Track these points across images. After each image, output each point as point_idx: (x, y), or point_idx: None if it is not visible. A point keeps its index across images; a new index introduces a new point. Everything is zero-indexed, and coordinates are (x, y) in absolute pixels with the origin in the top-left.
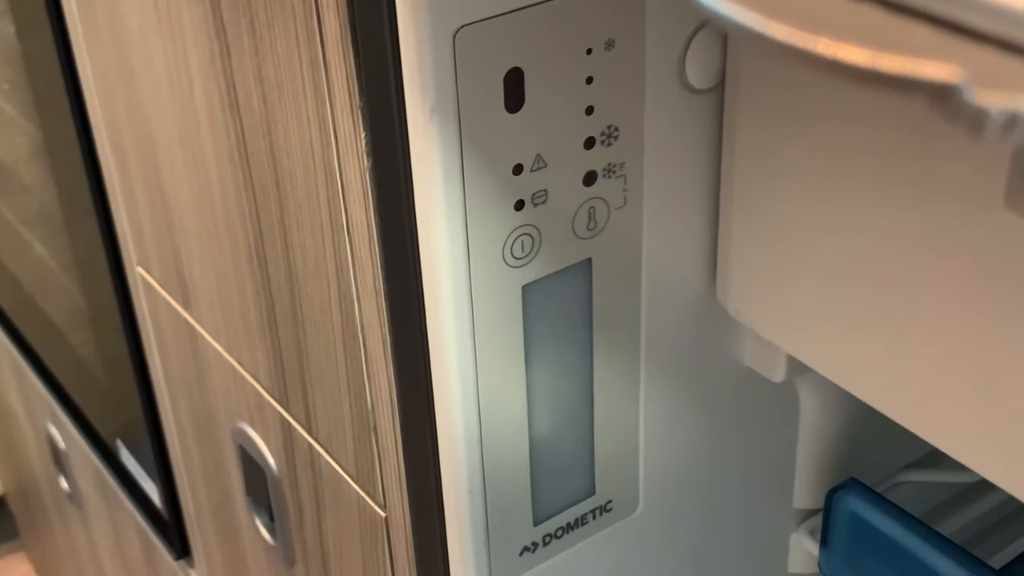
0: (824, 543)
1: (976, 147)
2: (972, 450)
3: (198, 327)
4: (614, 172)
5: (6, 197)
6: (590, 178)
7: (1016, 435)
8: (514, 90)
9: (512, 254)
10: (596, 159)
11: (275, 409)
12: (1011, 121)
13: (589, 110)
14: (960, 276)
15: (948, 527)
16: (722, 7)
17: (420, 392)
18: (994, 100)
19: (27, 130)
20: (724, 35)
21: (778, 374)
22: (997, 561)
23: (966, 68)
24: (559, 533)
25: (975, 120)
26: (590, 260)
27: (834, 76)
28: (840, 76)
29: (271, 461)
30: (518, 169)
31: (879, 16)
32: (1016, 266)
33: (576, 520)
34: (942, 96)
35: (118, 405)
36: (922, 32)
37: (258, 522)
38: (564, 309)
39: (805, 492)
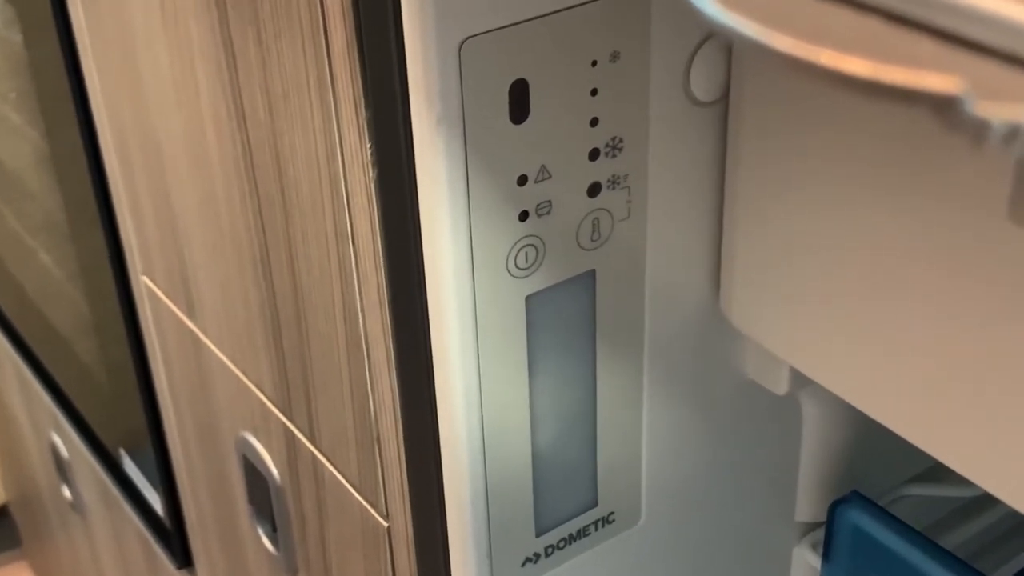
0: (826, 556)
1: (979, 159)
2: (975, 464)
3: (202, 337)
4: (618, 184)
5: (11, 205)
6: (594, 189)
7: (1020, 449)
8: (519, 101)
9: (516, 265)
10: (600, 171)
11: (278, 419)
12: (1012, 132)
13: (594, 122)
14: (964, 288)
15: (951, 541)
16: (727, 18)
17: (423, 402)
18: (995, 111)
19: (33, 138)
20: (728, 48)
21: (781, 386)
22: None
23: (968, 80)
24: (561, 544)
25: (977, 131)
26: (594, 271)
27: (837, 88)
28: (843, 88)
29: (274, 471)
30: (522, 180)
31: (881, 28)
32: (1020, 277)
33: (578, 531)
34: (944, 108)
35: (121, 414)
36: (924, 44)
37: (260, 531)
38: (567, 320)
39: (807, 505)
